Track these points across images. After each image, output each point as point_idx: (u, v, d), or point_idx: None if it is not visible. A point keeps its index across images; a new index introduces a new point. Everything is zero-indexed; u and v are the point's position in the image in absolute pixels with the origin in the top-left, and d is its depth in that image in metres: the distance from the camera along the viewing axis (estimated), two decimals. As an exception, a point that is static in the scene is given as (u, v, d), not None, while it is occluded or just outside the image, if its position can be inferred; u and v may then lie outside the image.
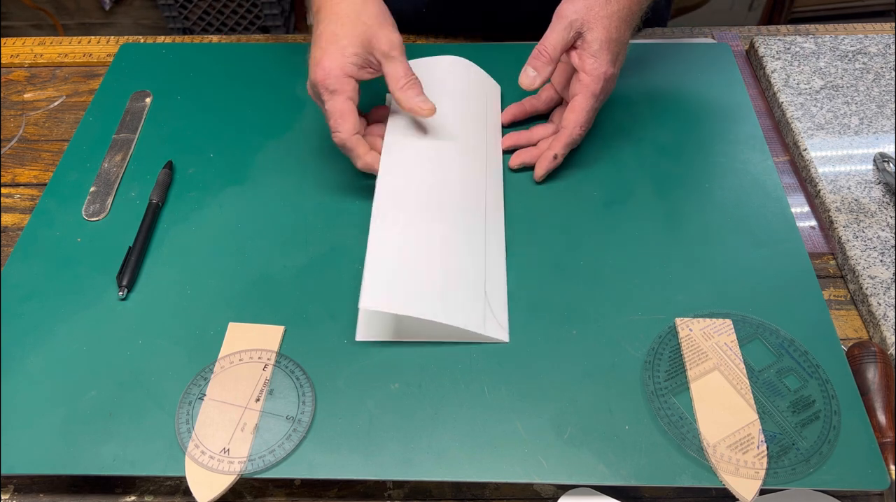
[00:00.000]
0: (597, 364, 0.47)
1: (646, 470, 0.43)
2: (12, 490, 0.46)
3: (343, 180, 0.59)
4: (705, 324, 0.49)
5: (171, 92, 0.67)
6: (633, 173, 0.60)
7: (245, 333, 0.49)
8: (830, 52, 0.71)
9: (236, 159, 0.61)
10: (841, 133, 0.64)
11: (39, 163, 0.64)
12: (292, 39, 0.76)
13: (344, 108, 0.52)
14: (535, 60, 0.55)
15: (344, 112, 0.52)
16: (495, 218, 0.55)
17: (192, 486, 0.42)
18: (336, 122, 0.53)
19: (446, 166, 0.56)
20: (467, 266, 0.50)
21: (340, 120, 0.52)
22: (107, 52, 0.75)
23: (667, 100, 0.66)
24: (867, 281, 0.53)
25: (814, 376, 0.46)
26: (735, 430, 0.43)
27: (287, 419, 0.44)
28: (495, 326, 0.48)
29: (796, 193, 0.62)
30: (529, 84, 0.56)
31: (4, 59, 0.75)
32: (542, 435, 0.44)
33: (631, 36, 0.57)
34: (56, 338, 0.49)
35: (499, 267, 0.52)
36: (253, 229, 0.56)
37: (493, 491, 0.45)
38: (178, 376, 0.46)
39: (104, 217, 0.57)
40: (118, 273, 0.52)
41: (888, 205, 0.58)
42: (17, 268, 0.53)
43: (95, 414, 0.45)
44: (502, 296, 0.50)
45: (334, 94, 0.52)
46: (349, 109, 0.53)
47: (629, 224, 0.56)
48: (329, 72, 0.52)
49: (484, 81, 0.65)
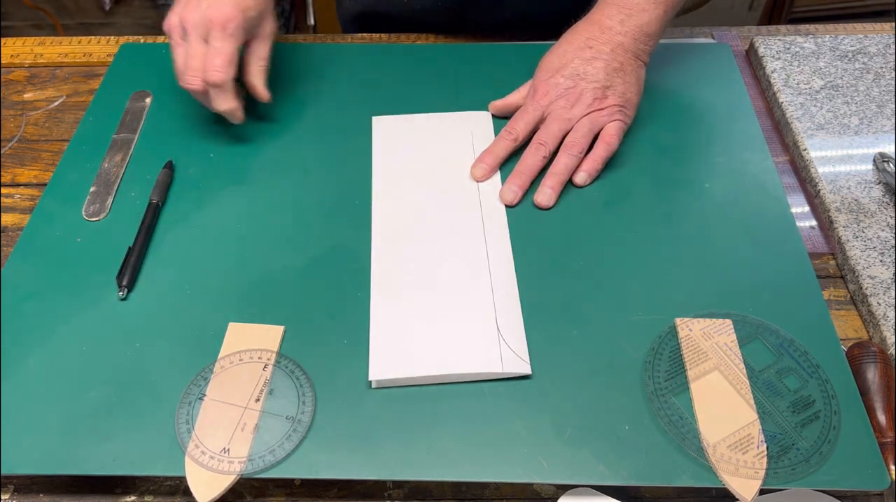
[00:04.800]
0: (597, 364, 0.47)
1: (646, 470, 0.43)
2: (12, 490, 0.46)
3: (343, 180, 0.59)
4: (705, 324, 0.49)
5: (171, 92, 0.67)
6: (633, 173, 0.60)
7: (245, 333, 0.49)
8: (830, 52, 0.71)
9: (236, 159, 0.61)
10: (841, 133, 0.64)
11: (39, 163, 0.64)
12: (292, 39, 0.76)
13: (234, 55, 0.56)
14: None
15: (233, 58, 0.56)
16: (499, 246, 0.54)
17: (192, 486, 0.42)
18: (223, 63, 0.55)
19: (439, 216, 0.56)
20: (474, 307, 0.50)
21: (228, 64, 0.55)
22: (107, 52, 0.75)
23: (666, 100, 0.66)
24: (867, 281, 0.53)
25: (814, 376, 0.46)
26: (735, 430, 0.44)
27: (287, 419, 0.44)
28: (513, 361, 0.47)
29: (796, 193, 0.62)
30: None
31: (4, 59, 0.75)
32: (542, 435, 0.44)
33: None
34: (56, 338, 0.49)
35: (510, 297, 0.51)
36: (253, 229, 0.56)
37: (493, 491, 0.45)
38: (178, 376, 0.46)
39: (104, 217, 0.57)
40: (118, 273, 0.52)
41: (888, 205, 0.58)
42: (17, 268, 0.53)
43: (95, 414, 0.45)
44: (518, 327, 0.49)
45: (231, 38, 0.55)
46: (236, 58, 0.56)
47: (629, 224, 0.56)
48: (232, 17, 0.55)
49: (466, 119, 0.64)
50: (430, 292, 0.51)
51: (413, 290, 0.51)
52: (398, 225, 0.55)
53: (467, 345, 0.47)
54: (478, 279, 0.51)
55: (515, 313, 0.50)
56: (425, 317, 0.49)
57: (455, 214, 0.56)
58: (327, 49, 0.73)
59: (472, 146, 0.61)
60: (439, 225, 0.55)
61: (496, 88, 0.65)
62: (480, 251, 0.53)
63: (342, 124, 0.64)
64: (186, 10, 0.56)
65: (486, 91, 0.66)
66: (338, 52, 0.72)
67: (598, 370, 0.47)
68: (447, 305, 0.50)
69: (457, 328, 0.48)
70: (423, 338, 0.48)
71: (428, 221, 0.55)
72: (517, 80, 0.64)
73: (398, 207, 0.56)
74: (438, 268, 0.52)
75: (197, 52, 0.56)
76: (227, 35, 0.55)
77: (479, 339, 0.48)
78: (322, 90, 0.67)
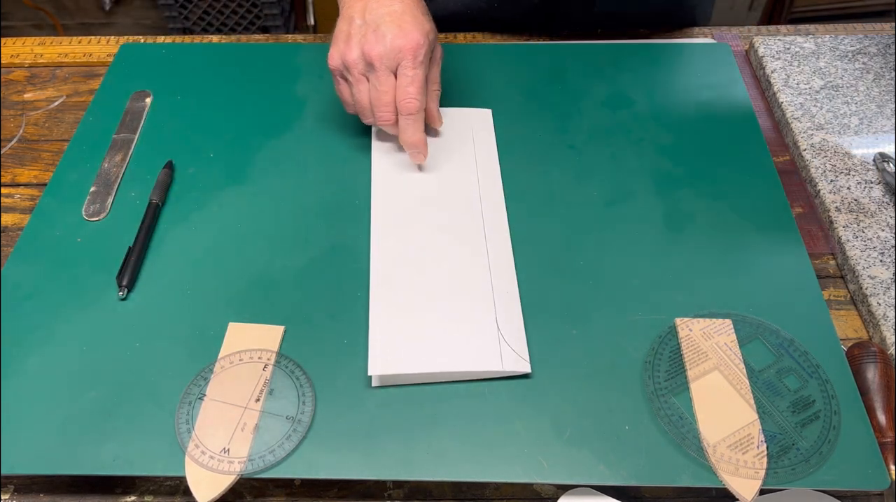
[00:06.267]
0: (597, 364, 0.47)
1: (646, 470, 0.43)
2: (12, 490, 0.46)
3: (343, 180, 0.59)
4: (705, 324, 0.49)
5: (171, 92, 0.67)
6: (633, 173, 0.60)
7: (245, 333, 0.49)
8: (830, 52, 0.71)
9: (236, 159, 0.61)
10: (841, 133, 0.64)
11: (39, 163, 0.64)
12: (292, 39, 0.76)
13: (425, 82, 0.54)
14: None
15: (425, 85, 0.54)
16: (499, 245, 0.54)
17: (192, 486, 0.42)
18: (417, 91, 0.53)
19: (439, 214, 0.56)
20: (474, 305, 0.50)
21: (421, 92, 0.54)
22: (107, 52, 0.75)
23: (667, 100, 0.66)
24: (867, 281, 0.53)
25: (814, 376, 0.46)
26: (735, 430, 0.44)
27: (287, 419, 0.44)
28: (513, 359, 0.47)
29: (796, 193, 0.61)
30: None
31: (4, 59, 0.75)
32: (542, 435, 0.44)
33: None
34: (56, 338, 0.49)
35: (510, 295, 0.51)
36: (253, 229, 0.56)
37: (493, 491, 0.45)
38: (178, 376, 0.46)
39: (104, 217, 0.57)
40: (118, 273, 0.52)
41: (888, 205, 0.58)
42: (17, 268, 0.53)
43: (95, 414, 0.45)
44: (518, 326, 0.49)
45: (422, 65, 0.53)
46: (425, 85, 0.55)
47: (629, 224, 0.56)
48: (422, 44, 0.53)
49: (466, 115, 0.64)
50: (430, 290, 0.51)
51: (413, 289, 0.51)
52: (398, 224, 0.55)
53: (467, 343, 0.47)
54: (478, 277, 0.51)
55: (515, 312, 0.50)
56: (425, 314, 0.49)
57: (455, 212, 0.56)
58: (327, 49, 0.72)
59: (473, 143, 0.61)
60: (439, 223, 0.55)
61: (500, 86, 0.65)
62: (480, 249, 0.53)
63: (342, 124, 0.64)
64: (367, 43, 0.53)
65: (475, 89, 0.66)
66: (338, 52, 0.72)
67: (598, 370, 0.47)
68: (447, 303, 0.50)
69: (456, 326, 0.48)
70: (423, 335, 0.48)
71: (428, 220, 0.55)
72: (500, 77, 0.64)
73: (398, 206, 0.56)
74: (438, 266, 0.52)
75: (387, 85, 0.54)
76: (418, 63, 0.53)
77: (479, 338, 0.48)
78: (321, 90, 0.67)
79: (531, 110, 0.65)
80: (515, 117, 0.64)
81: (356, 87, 0.56)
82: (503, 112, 0.65)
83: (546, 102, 0.66)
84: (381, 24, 0.53)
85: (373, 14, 0.54)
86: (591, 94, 0.67)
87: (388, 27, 0.53)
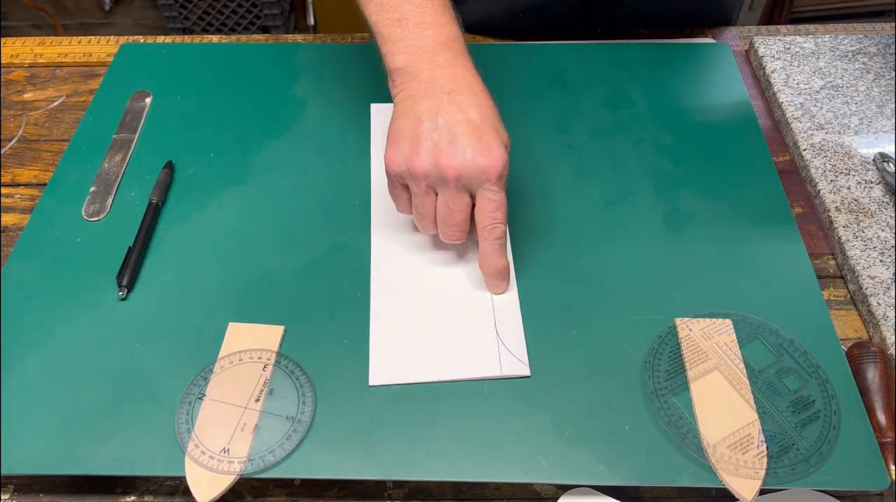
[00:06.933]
0: (597, 364, 0.47)
1: (646, 470, 0.43)
2: (12, 490, 0.46)
3: (343, 180, 0.59)
4: (705, 324, 0.49)
5: (171, 92, 0.67)
6: (633, 173, 0.60)
7: (245, 333, 0.49)
8: (830, 52, 0.71)
9: (236, 159, 0.61)
10: (841, 133, 0.64)
11: (39, 163, 0.64)
12: (292, 39, 0.76)
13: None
14: None
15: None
16: None
17: (192, 486, 0.42)
18: (504, 215, 0.48)
19: None
20: (473, 309, 0.50)
21: (506, 215, 0.48)
22: (107, 52, 0.75)
23: (667, 100, 0.66)
24: (867, 281, 0.53)
25: (814, 376, 0.46)
26: (735, 430, 0.43)
27: (287, 419, 0.44)
28: (512, 363, 0.47)
29: (796, 193, 0.61)
30: None
31: (4, 59, 0.75)
32: (542, 435, 0.44)
33: None
34: (56, 338, 0.49)
35: (509, 299, 0.51)
36: (253, 229, 0.56)
37: (493, 491, 0.45)
38: (178, 376, 0.46)
39: (104, 217, 0.57)
40: (118, 273, 0.52)
41: (888, 205, 0.58)
42: (17, 268, 0.53)
43: (95, 414, 0.45)
44: (517, 329, 0.49)
45: (504, 184, 0.47)
46: None
47: (629, 224, 0.56)
48: (505, 162, 0.46)
49: None
50: (429, 295, 0.51)
51: (412, 292, 0.51)
52: (397, 226, 0.55)
53: (466, 348, 0.48)
54: (476, 281, 0.51)
55: (515, 315, 0.50)
56: (424, 320, 0.49)
57: None
58: (327, 49, 0.73)
59: None
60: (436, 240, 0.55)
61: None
62: None
63: (342, 124, 0.64)
64: (443, 156, 0.45)
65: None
66: (338, 52, 0.72)
67: (598, 370, 0.47)
68: (446, 307, 0.50)
69: (456, 331, 0.49)
70: (423, 342, 0.48)
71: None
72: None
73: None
74: (438, 269, 0.52)
75: (461, 204, 0.47)
76: (503, 185, 0.47)
77: (478, 342, 0.48)
78: (322, 90, 0.67)
79: (531, 110, 0.65)
80: (515, 117, 0.64)
81: (421, 199, 0.49)
82: (503, 112, 0.64)
83: (546, 102, 0.66)
84: (459, 134, 0.46)
85: (447, 119, 0.46)
86: (591, 94, 0.67)
87: (467, 140, 0.45)
